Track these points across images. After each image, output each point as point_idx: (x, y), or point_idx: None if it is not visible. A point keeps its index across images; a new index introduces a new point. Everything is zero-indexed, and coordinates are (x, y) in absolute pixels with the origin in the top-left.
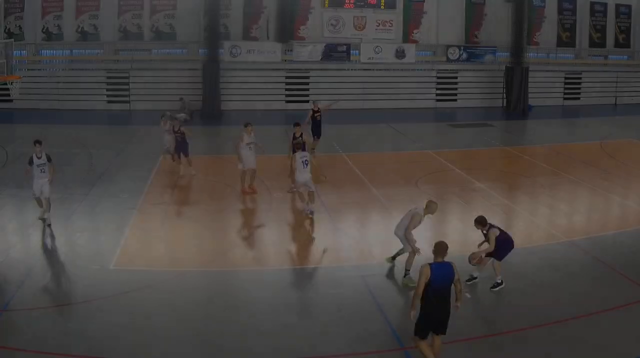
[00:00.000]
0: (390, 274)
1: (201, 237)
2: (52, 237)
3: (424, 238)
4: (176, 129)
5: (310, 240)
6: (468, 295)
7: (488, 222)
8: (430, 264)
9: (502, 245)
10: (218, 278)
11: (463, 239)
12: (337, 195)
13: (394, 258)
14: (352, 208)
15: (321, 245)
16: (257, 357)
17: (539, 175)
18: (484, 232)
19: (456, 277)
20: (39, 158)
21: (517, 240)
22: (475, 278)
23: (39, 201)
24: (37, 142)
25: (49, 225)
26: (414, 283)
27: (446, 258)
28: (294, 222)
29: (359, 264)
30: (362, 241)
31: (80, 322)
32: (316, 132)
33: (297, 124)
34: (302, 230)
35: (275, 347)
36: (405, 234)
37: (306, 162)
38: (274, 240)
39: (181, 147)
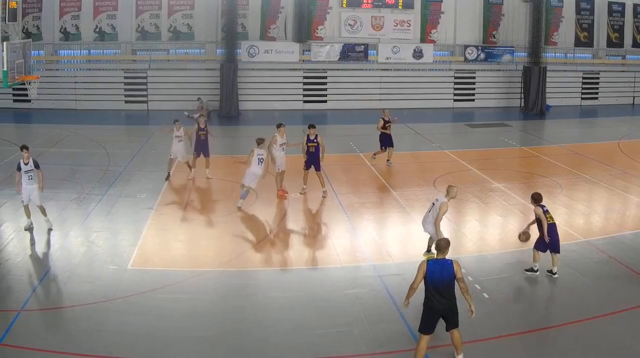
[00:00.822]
0: (407, 274)
1: (218, 237)
2: (70, 237)
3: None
4: (202, 126)
5: (327, 239)
6: (486, 296)
7: (540, 204)
8: (427, 260)
9: (549, 232)
10: (235, 278)
11: (481, 239)
12: (354, 195)
13: (429, 251)
14: (370, 208)
15: (338, 245)
16: (275, 356)
17: (557, 175)
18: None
19: (458, 275)
20: (26, 164)
21: (532, 241)
22: (536, 271)
23: (26, 209)
24: (24, 147)
25: (50, 230)
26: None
27: (462, 257)
28: (311, 222)
29: (377, 264)
30: (380, 241)
31: (97, 322)
32: (386, 142)
33: (312, 126)
34: (319, 230)
35: (292, 347)
36: (435, 223)
37: (262, 160)
38: (291, 240)
39: (203, 146)
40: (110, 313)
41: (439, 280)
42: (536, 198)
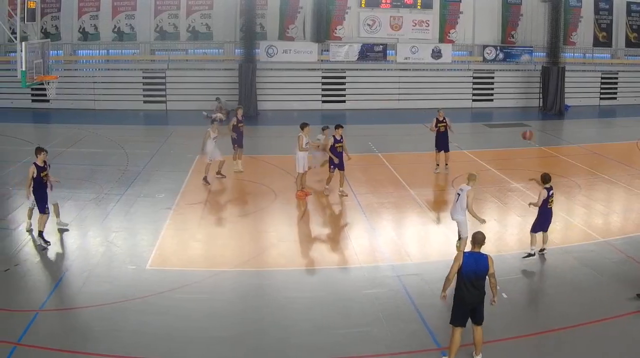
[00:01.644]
0: (426, 274)
1: (237, 237)
2: (88, 237)
3: (456, 233)
4: (240, 118)
5: (346, 239)
6: (504, 295)
7: (547, 186)
8: (464, 252)
9: (542, 214)
10: (254, 278)
11: (499, 239)
12: (373, 195)
13: (460, 239)
14: (388, 208)
15: (357, 245)
16: (294, 356)
17: (575, 175)
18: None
19: (491, 270)
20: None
21: (554, 240)
22: (533, 255)
23: (55, 207)
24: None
25: (66, 230)
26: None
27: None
28: (330, 221)
29: (395, 264)
30: (399, 241)
31: (116, 322)
32: (441, 145)
33: (339, 126)
34: (338, 230)
35: (311, 347)
36: (469, 211)
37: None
38: (310, 240)
39: (240, 138)
40: (129, 314)
41: (473, 272)
42: (545, 179)
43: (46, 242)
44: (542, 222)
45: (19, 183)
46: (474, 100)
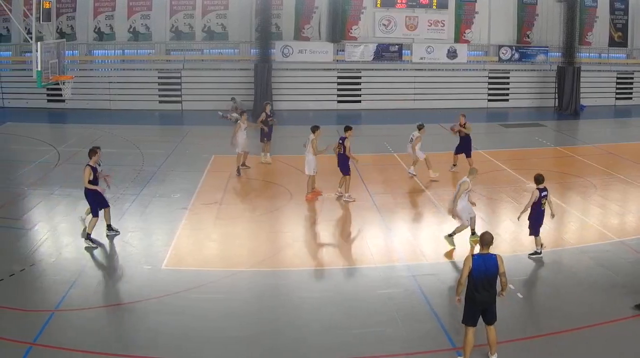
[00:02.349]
0: (441, 274)
1: (252, 237)
2: (104, 236)
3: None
4: (268, 113)
5: (361, 240)
6: (520, 295)
7: (539, 187)
8: (473, 255)
9: (535, 215)
10: (269, 278)
11: (515, 239)
12: (389, 195)
13: (474, 233)
14: (404, 208)
15: (373, 245)
16: (309, 356)
17: (591, 175)
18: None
19: (501, 270)
20: (99, 165)
21: (569, 240)
22: (540, 253)
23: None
24: (99, 148)
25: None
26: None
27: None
28: (346, 221)
29: (411, 264)
30: (414, 241)
31: (131, 322)
32: (459, 147)
33: (348, 128)
34: (353, 230)
35: (326, 346)
36: (455, 197)
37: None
38: (325, 240)
39: (269, 133)
40: (145, 314)
41: (484, 274)
42: (538, 180)
43: (94, 242)
44: (538, 223)
45: (34, 183)
46: (489, 100)
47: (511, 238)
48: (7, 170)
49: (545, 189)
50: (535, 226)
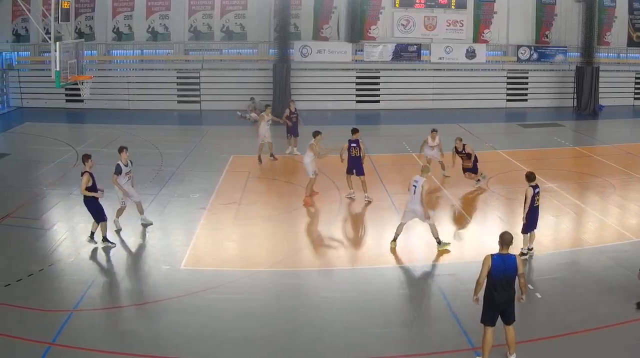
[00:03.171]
0: (460, 274)
1: (271, 237)
2: (122, 236)
3: (493, 234)
4: (293, 110)
5: (380, 240)
6: (538, 295)
7: (532, 184)
8: (492, 255)
9: (530, 214)
10: (288, 278)
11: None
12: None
13: (440, 242)
14: None
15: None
16: (327, 356)
17: (609, 175)
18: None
19: (520, 271)
20: (126, 165)
21: (588, 240)
22: (526, 254)
23: (121, 211)
24: (126, 148)
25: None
26: (448, 244)
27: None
28: (365, 222)
29: (430, 264)
30: (433, 241)
31: (150, 321)
32: (471, 169)
33: (355, 130)
34: (372, 230)
35: (345, 347)
36: (422, 202)
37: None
38: (344, 240)
39: (294, 129)
40: (163, 313)
41: (503, 274)
42: (530, 178)
43: (111, 243)
44: (531, 222)
45: (53, 183)
46: (508, 100)
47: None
48: (26, 170)
49: (537, 186)
50: (530, 224)
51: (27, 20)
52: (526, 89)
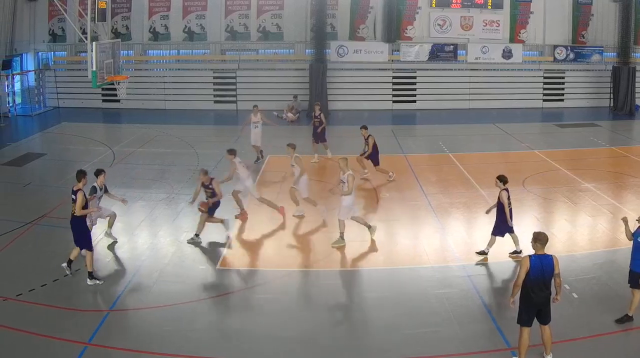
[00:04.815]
0: (497, 274)
1: (307, 236)
2: (159, 237)
3: (529, 234)
4: (316, 114)
5: (416, 240)
6: (575, 296)
7: (506, 187)
8: (530, 256)
9: (502, 216)
10: (324, 278)
11: (570, 239)
12: (443, 194)
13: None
14: (459, 208)
15: (428, 245)
16: (364, 356)
17: None
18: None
19: (556, 271)
20: (100, 189)
21: (624, 239)
22: (486, 253)
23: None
24: (104, 171)
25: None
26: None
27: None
28: (401, 221)
29: (466, 264)
30: (469, 241)
31: (186, 322)
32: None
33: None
34: (408, 230)
35: (381, 346)
36: (345, 193)
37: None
38: (380, 240)
39: (314, 134)
40: (199, 313)
41: (541, 275)
42: (503, 180)
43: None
44: (505, 224)
45: (89, 183)
46: (544, 100)
47: (566, 238)
48: (63, 170)
49: (508, 189)
50: (500, 227)
51: (63, 20)
52: (563, 89)
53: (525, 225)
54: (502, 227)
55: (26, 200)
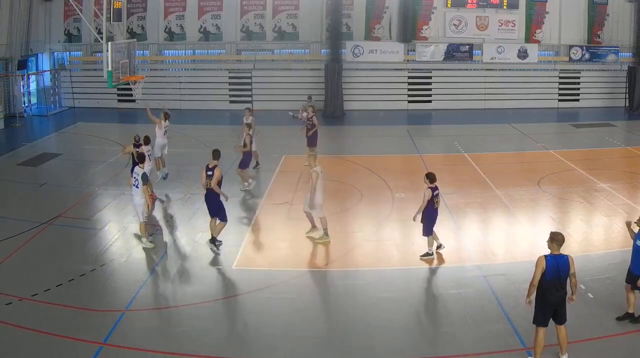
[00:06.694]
0: (512, 274)
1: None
2: (174, 236)
3: (545, 234)
4: (309, 116)
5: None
6: (590, 296)
7: (431, 186)
8: (546, 256)
9: (428, 214)
10: (339, 278)
11: (585, 239)
12: (459, 194)
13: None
14: (474, 208)
15: (443, 244)
16: (380, 356)
17: None
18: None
19: (572, 270)
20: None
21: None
22: (431, 254)
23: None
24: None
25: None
26: (327, 239)
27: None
28: (416, 221)
29: (481, 264)
30: (484, 241)
31: (202, 322)
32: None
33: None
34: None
35: (397, 346)
36: (311, 191)
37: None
38: (396, 240)
39: (306, 137)
40: (215, 314)
41: (556, 275)
42: (431, 179)
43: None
44: (432, 223)
45: (105, 183)
46: (560, 100)
47: (582, 238)
48: (78, 170)
49: (437, 188)
50: (428, 226)
51: (79, 20)
52: (578, 89)
53: (540, 225)
54: (427, 226)
55: (42, 200)
